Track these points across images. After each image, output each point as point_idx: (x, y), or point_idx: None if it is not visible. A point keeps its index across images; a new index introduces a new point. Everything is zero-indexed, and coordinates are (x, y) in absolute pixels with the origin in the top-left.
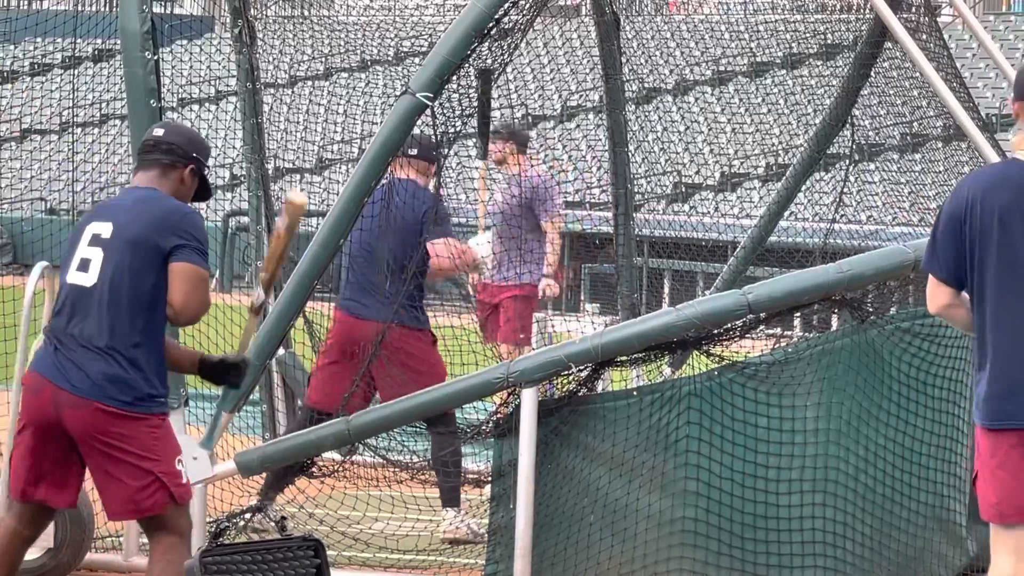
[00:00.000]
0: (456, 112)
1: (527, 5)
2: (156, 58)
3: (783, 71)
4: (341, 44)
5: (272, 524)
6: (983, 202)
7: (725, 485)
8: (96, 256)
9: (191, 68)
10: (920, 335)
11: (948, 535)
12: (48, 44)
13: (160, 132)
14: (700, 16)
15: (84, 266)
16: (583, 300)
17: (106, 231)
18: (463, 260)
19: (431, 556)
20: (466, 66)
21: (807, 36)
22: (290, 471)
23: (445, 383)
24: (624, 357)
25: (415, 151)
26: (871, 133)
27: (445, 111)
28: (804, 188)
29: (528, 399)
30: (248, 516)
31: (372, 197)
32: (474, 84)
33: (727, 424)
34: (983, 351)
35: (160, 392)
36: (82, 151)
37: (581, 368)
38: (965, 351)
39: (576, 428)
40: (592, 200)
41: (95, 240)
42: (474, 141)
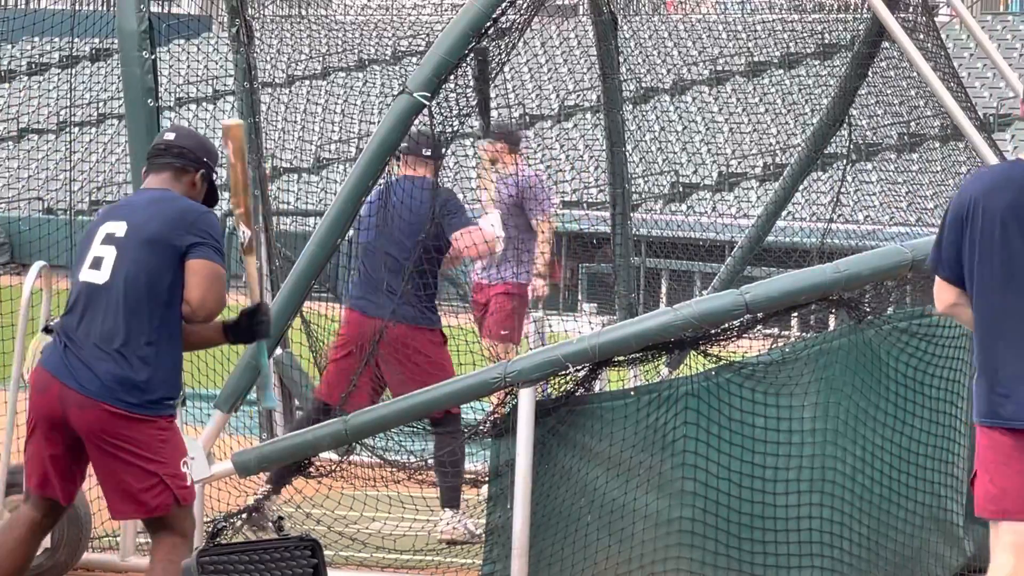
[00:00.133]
0: (453, 112)
1: (525, 5)
2: (153, 57)
3: (780, 71)
4: (339, 43)
5: (269, 524)
6: (986, 203)
7: (722, 485)
8: (109, 254)
9: (188, 67)
10: (917, 335)
11: (945, 535)
12: (46, 43)
13: (172, 136)
14: (697, 16)
15: (97, 264)
16: (580, 300)
17: (120, 230)
18: (490, 244)
19: (428, 556)
20: (464, 65)
21: (804, 36)
22: (292, 470)
23: (442, 383)
24: (621, 357)
25: (428, 151)
26: (868, 133)
27: (443, 110)
28: (801, 188)
29: (525, 399)
30: (245, 516)
31: (373, 196)
32: (471, 80)
33: (724, 424)
34: (983, 351)
35: (171, 394)
36: (79, 150)
37: (578, 368)
38: (963, 351)
39: (573, 428)
40: (589, 200)
41: (109, 239)
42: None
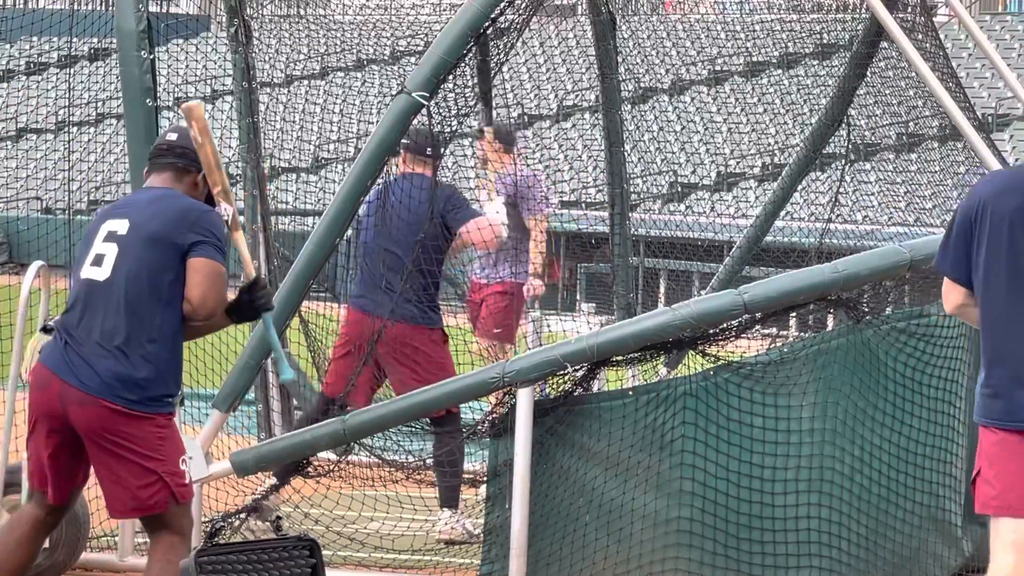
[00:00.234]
0: (452, 111)
1: (523, 5)
2: (152, 57)
3: (779, 71)
4: (337, 43)
5: (267, 524)
6: (995, 205)
7: (721, 485)
8: (111, 252)
9: (187, 67)
10: (916, 335)
11: (944, 535)
12: (44, 43)
13: (174, 136)
14: (696, 16)
15: (98, 261)
16: (579, 300)
17: (122, 228)
18: (496, 230)
19: (427, 556)
20: (462, 65)
21: (803, 36)
22: (291, 469)
23: (441, 383)
24: (620, 357)
25: (430, 151)
26: (867, 133)
27: (441, 110)
28: (800, 188)
29: (524, 399)
30: (243, 516)
31: (373, 195)
32: (470, 81)
33: (723, 424)
34: (988, 352)
35: (171, 391)
36: (78, 150)
37: (577, 368)
38: (961, 351)
39: (572, 428)
40: (588, 200)
41: (110, 236)
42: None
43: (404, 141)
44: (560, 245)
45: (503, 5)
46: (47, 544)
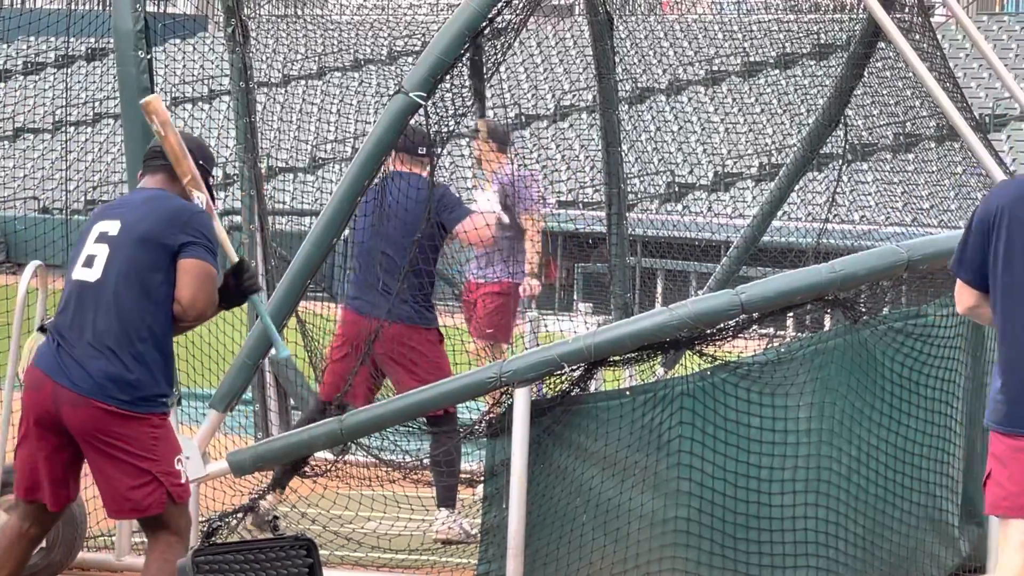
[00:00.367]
0: (449, 111)
1: (520, 4)
2: (149, 57)
3: (776, 71)
4: (334, 43)
5: (265, 523)
6: (1012, 211)
7: (718, 485)
8: (102, 252)
9: (184, 67)
10: (913, 335)
11: (940, 535)
12: (41, 43)
13: None
14: (693, 16)
15: (90, 262)
16: (576, 300)
17: (113, 228)
18: (491, 221)
19: (424, 556)
20: (459, 65)
21: (800, 36)
22: (289, 470)
23: (438, 383)
24: (617, 357)
25: (423, 150)
26: (864, 133)
27: (438, 110)
28: (797, 188)
29: (521, 399)
30: (241, 515)
31: (369, 195)
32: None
33: (720, 424)
34: (1004, 358)
35: (164, 391)
36: (75, 150)
37: (574, 368)
38: (958, 351)
39: (569, 428)
40: (585, 200)
41: (102, 237)
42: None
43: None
44: (557, 245)
45: (500, 5)
46: (44, 544)
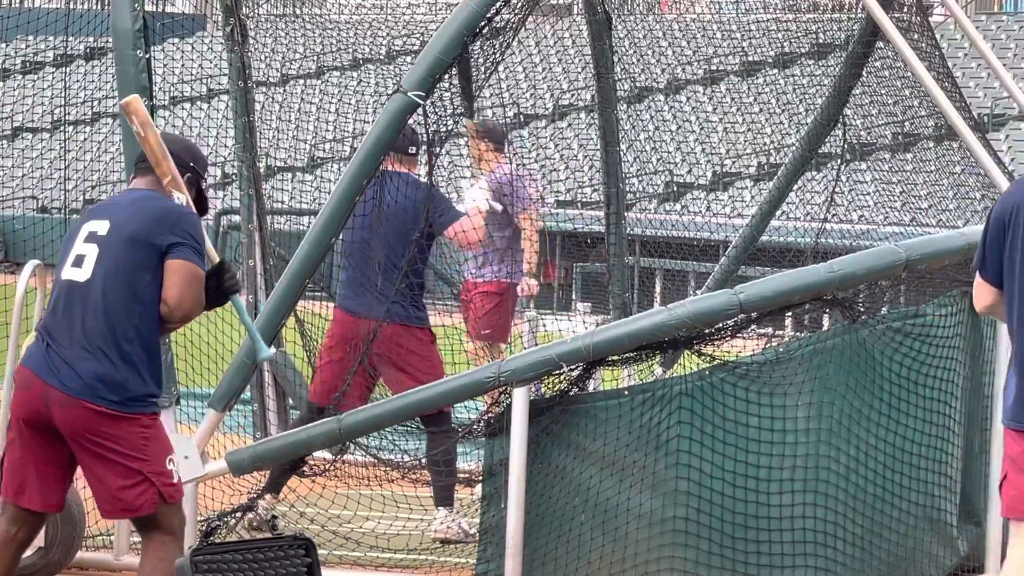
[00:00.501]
0: (448, 111)
1: (519, 4)
2: (148, 56)
3: (775, 70)
4: (333, 43)
5: (264, 523)
6: None
7: (716, 485)
8: (91, 252)
9: (183, 66)
10: (911, 335)
11: (939, 535)
12: (40, 42)
13: None
14: (692, 15)
15: (79, 262)
16: (574, 299)
17: (103, 228)
18: (480, 232)
19: (422, 555)
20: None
21: (799, 35)
22: (288, 470)
23: (436, 382)
24: (615, 356)
25: (413, 149)
26: (863, 132)
27: (437, 110)
28: (796, 187)
29: (519, 398)
30: (239, 515)
31: (364, 195)
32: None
33: (718, 424)
34: (1019, 355)
35: (153, 391)
36: (74, 149)
37: (572, 367)
38: (956, 351)
39: (567, 427)
40: (584, 199)
41: (91, 237)
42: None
43: None
44: (556, 244)
45: (499, 4)
46: (42, 543)
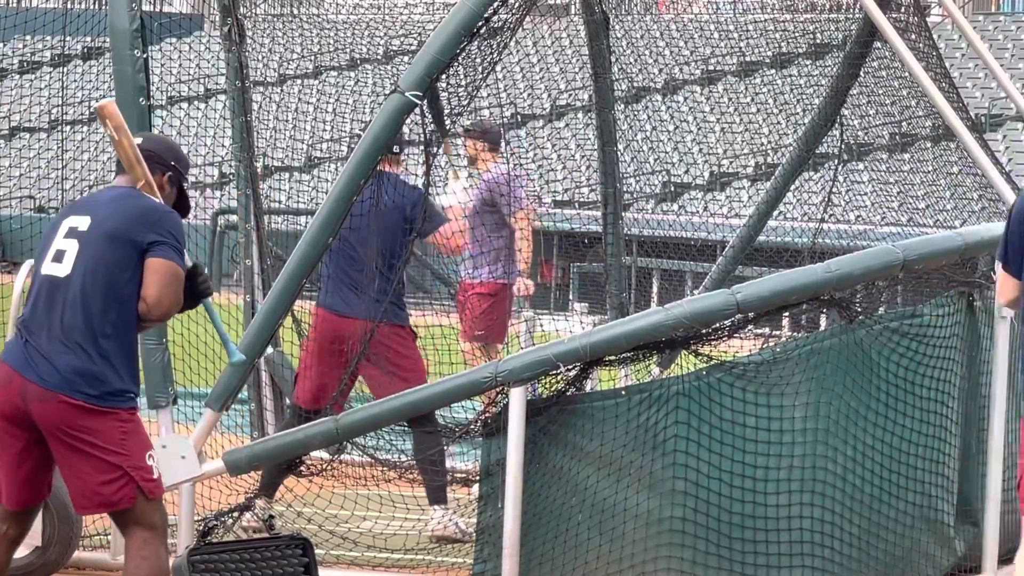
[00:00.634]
0: (445, 111)
1: (516, 4)
2: (145, 56)
3: (772, 71)
4: (330, 42)
5: (261, 522)
6: None
7: (713, 485)
8: (71, 248)
9: (180, 66)
10: (908, 335)
11: (936, 535)
12: (37, 42)
13: (139, 140)
14: (689, 15)
15: (59, 257)
16: (571, 299)
17: (83, 224)
18: (464, 235)
19: (419, 555)
20: (455, 64)
21: (796, 36)
22: (284, 470)
23: (434, 382)
24: (612, 356)
25: (397, 148)
26: (860, 133)
27: (434, 110)
28: (793, 188)
29: (516, 398)
30: (236, 515)
31: (362, 195)
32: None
33: (715, 424)
34: None
35: (129, 387)
36: (71, 149)
37: (569, 367)
38: (954, 351)
39: (564, 427)
40: (581, 199)
41: (71, 232)
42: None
43: None
44: (553, 244)
45: (496, 4)
46: (40, 543)
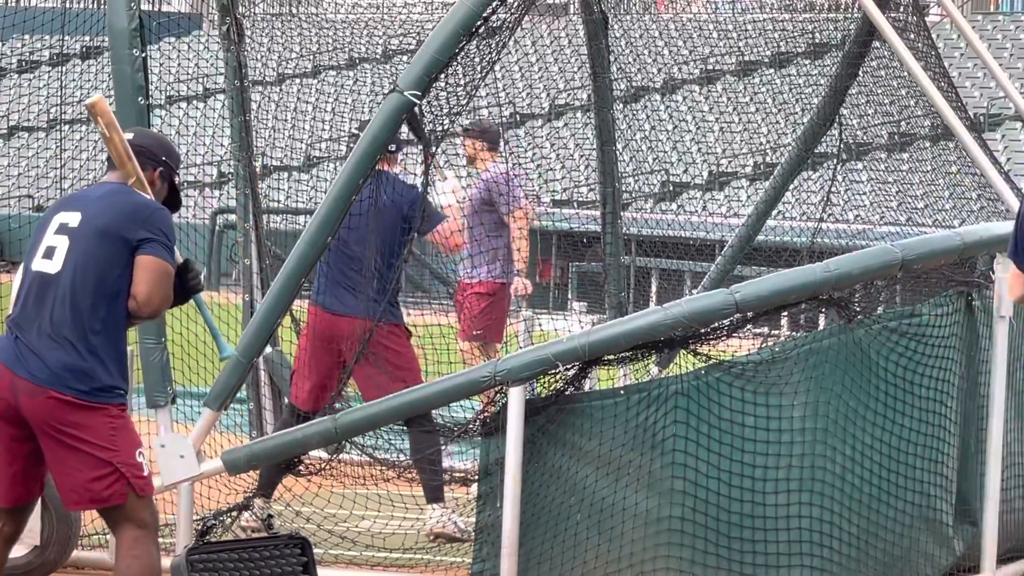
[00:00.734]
0: (444, 110)
1: (515, 3)
2: (144, 55)
3: (771, 70)
4: (329, 42)
5: (259, 522)
6: None
7: (712, 484)
8: (62, 244)
9: (179, 65)
10: (907, 335)
11: (935, 534)
12: (36, 41)
13: (130, 135)
14: (688, 15)
15: (49, 254)
16: (570, 299)
17: (74, 220)
18: (461, 234)
19: (418, 554)
20: (454, 64)
21: (795, 35)
22: (283, 469)
23: (432, 382)
24: (611, 356)
25: (393, 147)
26: (859, 132)
27: (433, 109)
28: (792, 187)
29: (515, 398)
30: (235, 514)
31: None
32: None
33: (714, 423)
34: None
35: (118, 384)
36: (70, 148)
37: (568, 367)
38: (952, 351)
39: (563, 427)
40: (580, 199)
41: (62, 229)
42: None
43: None
44: (551, 244)
45: (495, 4)
46: (39, 542)
